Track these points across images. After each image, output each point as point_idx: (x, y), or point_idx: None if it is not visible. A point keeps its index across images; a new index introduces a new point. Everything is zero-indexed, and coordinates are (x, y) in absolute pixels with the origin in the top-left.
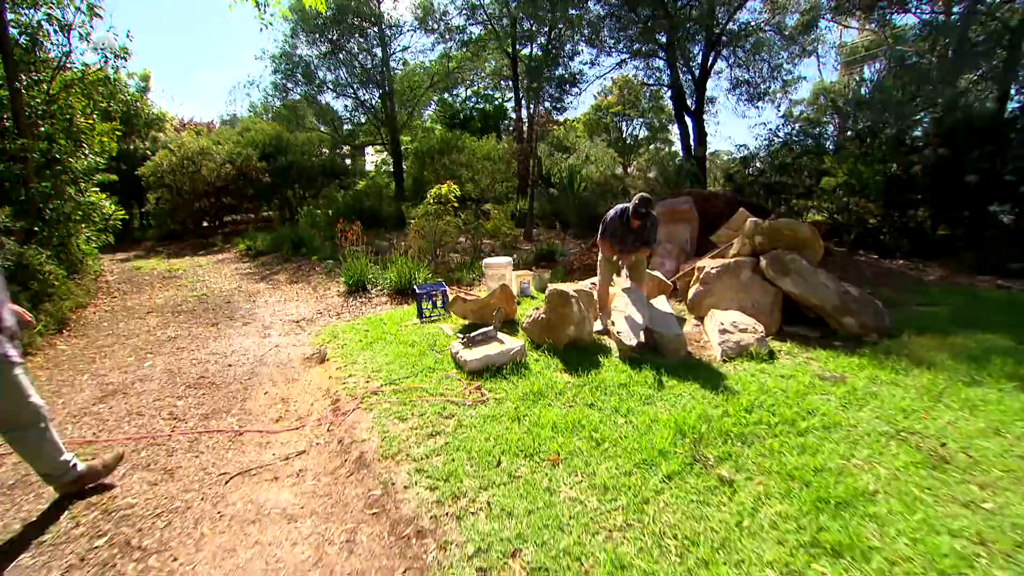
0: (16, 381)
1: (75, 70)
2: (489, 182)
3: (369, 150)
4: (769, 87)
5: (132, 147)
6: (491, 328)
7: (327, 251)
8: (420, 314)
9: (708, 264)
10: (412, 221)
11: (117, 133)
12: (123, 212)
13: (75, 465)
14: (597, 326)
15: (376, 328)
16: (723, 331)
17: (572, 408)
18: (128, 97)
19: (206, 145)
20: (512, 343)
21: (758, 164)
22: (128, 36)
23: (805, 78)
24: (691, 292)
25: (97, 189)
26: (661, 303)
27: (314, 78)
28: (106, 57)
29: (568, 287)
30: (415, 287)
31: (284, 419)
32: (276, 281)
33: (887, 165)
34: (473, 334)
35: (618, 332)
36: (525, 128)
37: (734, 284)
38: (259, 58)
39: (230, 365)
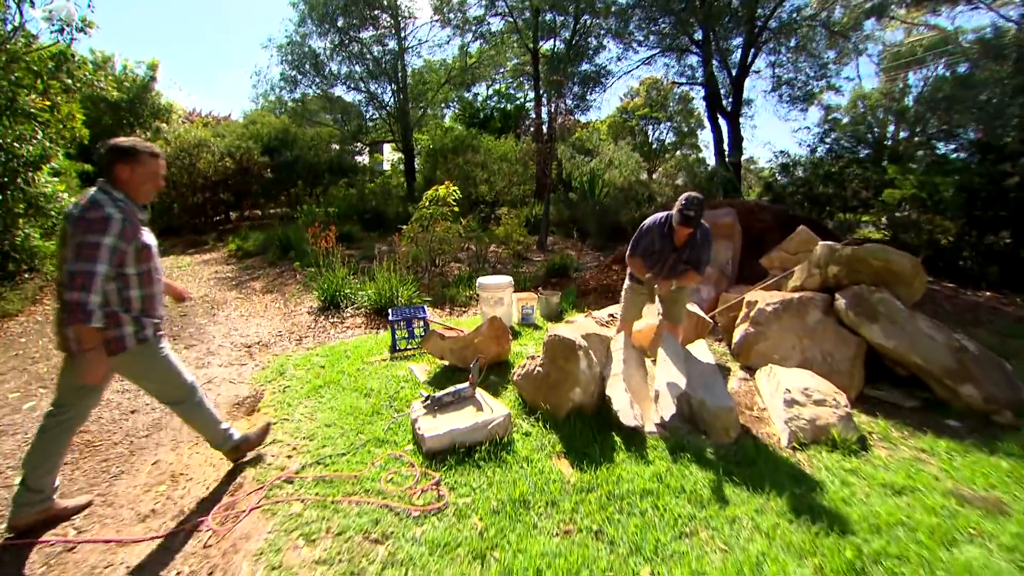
0: (167, 363)
1: (16, 43)
2: (505, 184)
3: (388, 148)
4: (813, 88)
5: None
6: (466, 386)
7: (312, 257)
8: (393, 346)
9: (761, 299)
10: (403, 227)
11: (80, 116)
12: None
13: (232, 435)
14: None
15: (335, 363)
16: (790, 401)
17: (569, 537)
18: (91, 77)
19: (204, 137)
20: (492, 411)
21: (799, 172)
22: (90, 6)
23: (852, 79)
24: (738, 333)
25: (56, 179)
26: (701, 351)
27: (323, 70)
28: (62, 28)
29: (576, 329)
30: (390, 311)
31: (156, 515)
32: (250, 289)
33: (969, 175)
34: (441, 394)
35: (616, 409)
36: (545, 127)
37: (797, 327)
38: (265, 47)
39: (134, 411)
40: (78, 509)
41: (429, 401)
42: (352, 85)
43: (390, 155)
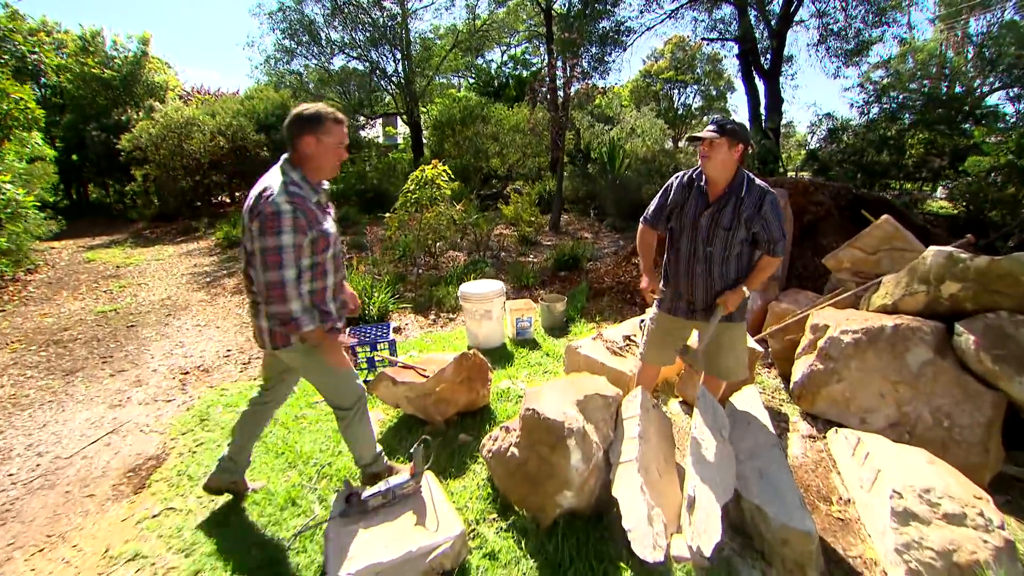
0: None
1: None
2: (518, 157)
3: (400, 121)
4: (867, 37)
5: (124, 118)
6: (405, 479)
7: None
8: (370, 362)
9: (834, 322)
10: (387, 216)
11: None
12: (31, 197)
13: (384, 458)
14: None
15: None
16: (904, 514)
17: None
18: (23, 48)
19: (193, 115)
20: (439, 525)
21: (848, 137)
22: None
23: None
24: (799, 368)
25: None
26: (751, 404)
27: (319, 38)
28: None
29: (570, 387)
30: (348, 330)
31: None
32: (220, 288)
33: None
34: (369, 493)
35: (628, 529)
36: (561, 94)
37: (890, 369)
38: (254, 14)
39: None
40: (253, 490)
41: (352, 500)
42: (353, 54)
43: (404, 128)
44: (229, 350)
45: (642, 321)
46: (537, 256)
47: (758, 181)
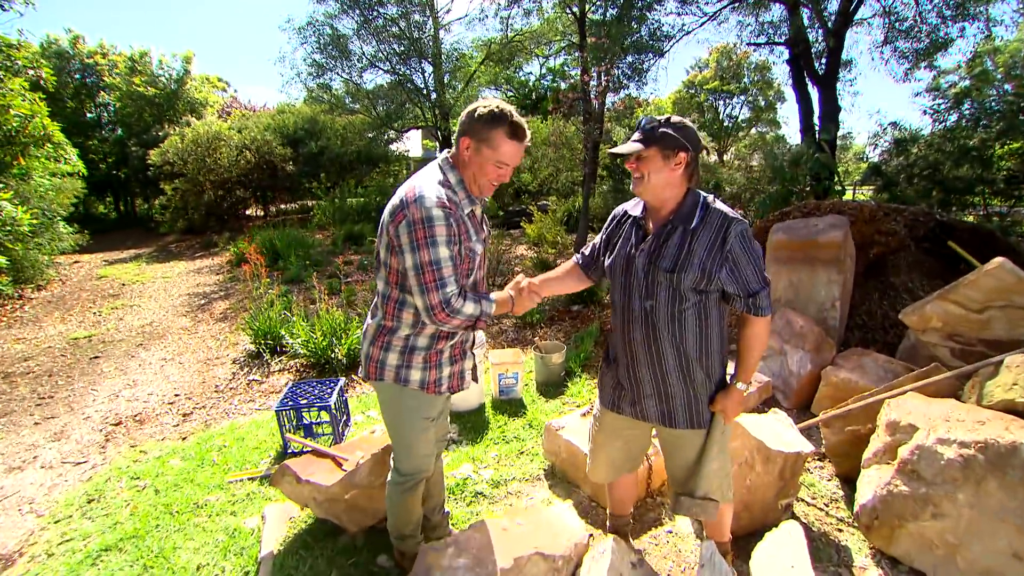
0: (418, 418)
1: None
2: (551, 172)
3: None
4: (945, 35)
5: (162, 133)
6: None
7: (296, 269)
8: (285, 447)
9: (925, 419)
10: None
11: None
12: (28, 215)
13: (418, 538)
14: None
15: (176, 485)
16: None
17: None
18: (22, 64)
19: (220, 130)
20: None
21: (919, 149)
22: None
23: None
24: (868, 484)
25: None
26: (789, 554)
27: (349, 52)
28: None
29: (501, 535)
30: (287, 393)
31: None
32: (208, 313)
33: None
34: None
35: None
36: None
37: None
38: (283, 29)
39: None
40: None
41: None
42: (383, 67)
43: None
44: (178, 394)
45: None
46: None
47: (718, 204)
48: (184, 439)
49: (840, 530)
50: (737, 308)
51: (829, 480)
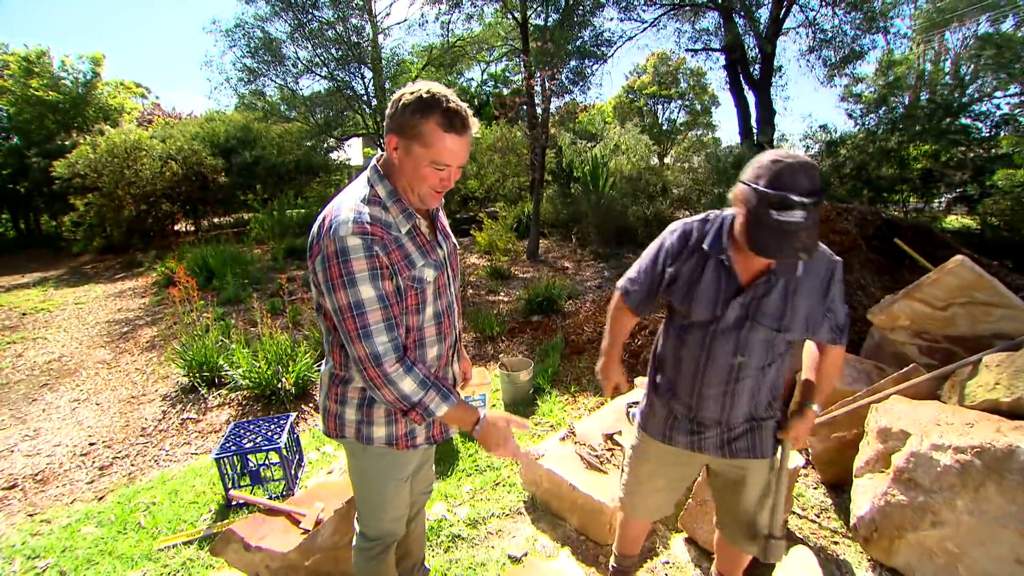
0: (383, 479)
1: None
2: (497, 178)
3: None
4: (861, 46)
5: (69, 143)
6: None
7: (233, 288)
8: (228, 501)
9: (917, 425)
10: None
11: None
12: None
13: None
14: None
15: (97, 554)
16: None
17: None
18: None
19: (139, 139)
20: None
21: (847, 151)
22: None
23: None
24: (864, 495)
25: None
26: None
27: (282, 57)
28: None
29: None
30: (229, 435)
31: None
32: (132, 343)
33: None
34: None
35: None
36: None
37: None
38: (208, 31)
39: None
40: None
41: None
42: (320, 73)
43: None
44: (93, 443)
45: (630, 407)
46: (509, 294)
47: (821, 246)
48: (101, 498)
49: (836, 542)
50: (822, 340)
51: (816, 488)
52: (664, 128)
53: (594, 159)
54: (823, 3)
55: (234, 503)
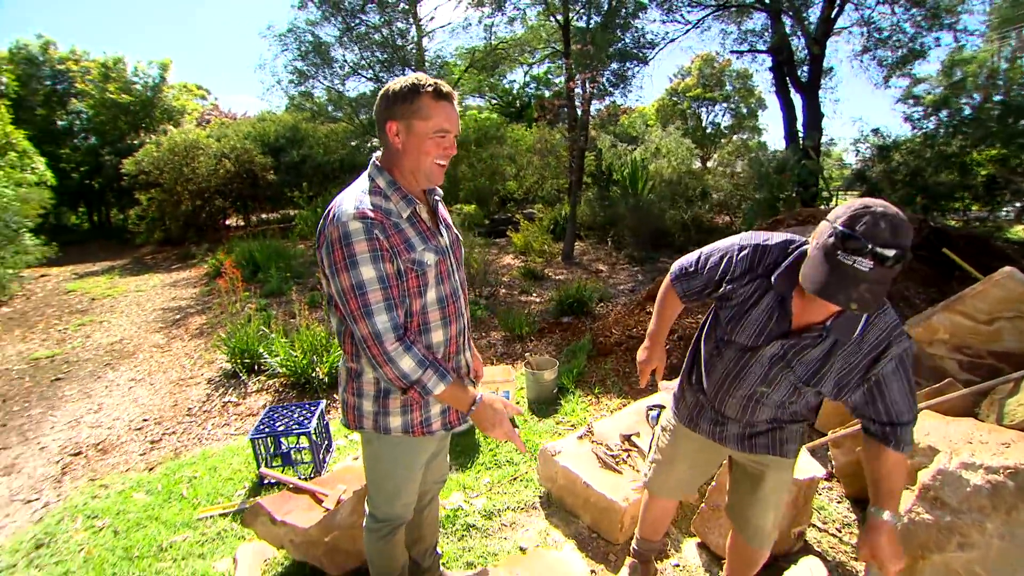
0: (404, 462)
1: None
2: (536, 179)
3: None
4: (921, 45)
5: (137, 142)
6: None
7: (276, 282)
8: (261, 479)
9: (946, 442)
10: None
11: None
12: None
13: None
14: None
15: (139, 523)
16: None
17: None
18: None
19: (198, 138)
20: None
21: (900, 155)
22: None
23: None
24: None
25: None
26: None
27: (330, 59)
28: None
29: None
30: (264, 419)
31: None
32: (183, 329)
33: None
34: None
35: None
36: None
37: None
38: (264, 36)
39: None
40: None
41: None
42: (366, 75)
43: None
44: (146, 419)
45: (651, 410)
46: (541, 295)
47: (888, 313)
48: (151, 469)
49: (855, 558)
50: (873, 433)
51: (839, 503)
52: (708, 131)
53: (634, 162)
54: (880, 0)
55: (265, 481)
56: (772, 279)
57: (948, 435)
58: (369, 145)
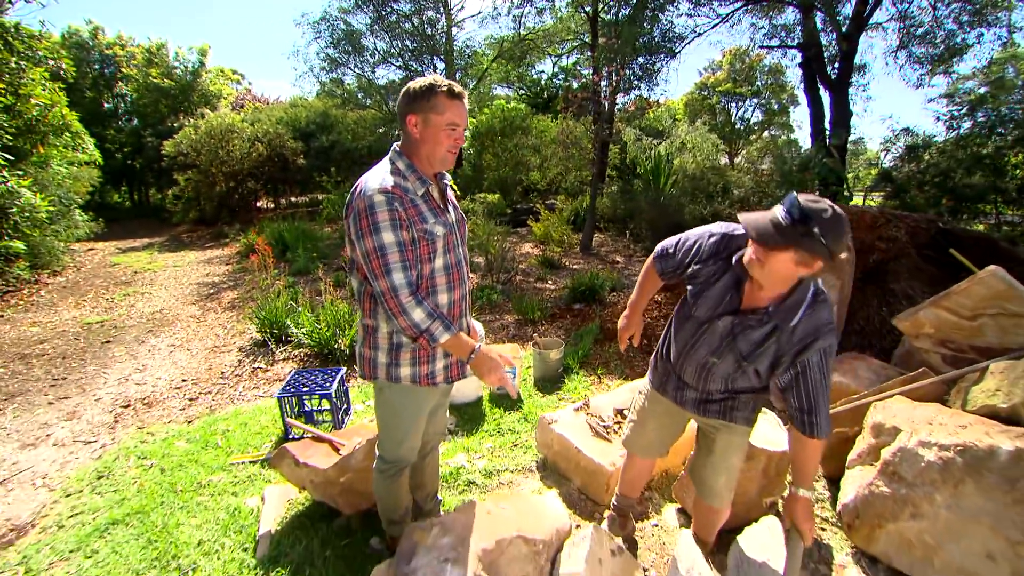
0: (404, 409)
1: None
2: (560, 170)
3: None
4: (961, 41)
5: (177, 124)
6: None
7: (303, 261)
8: (286, 432)
9: (909, 423)
10: None
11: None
12: (46, 202)
13: (407, 524)
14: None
15: (181, 465)
16: None
17: None
18: (43, 55)
19: (233, 122)
20: None
21: (931, 156)
22: None
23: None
24: (851, 484)
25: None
26: (767, 546)
27: (362, 47)
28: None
29: (485, 517)
30: (290, 381)
31: None
32: (216, 303)
33: None
34: None
35: None
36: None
37: (1009, 520)
38: (298, 23)
39: None
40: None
41: None
42: (396, 63)
43: None
44: (185, 379)
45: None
46: (556, 283)
47: (821, 311)
48: (190, 422)
49: (823, 529)
50: (792, 418)
51: (816, 481)
52: (737, 127)
53: (658, 156)
54: None
55: (291, 434)
56: (733, 260)
57: (912, 418)
58: (396, 132)
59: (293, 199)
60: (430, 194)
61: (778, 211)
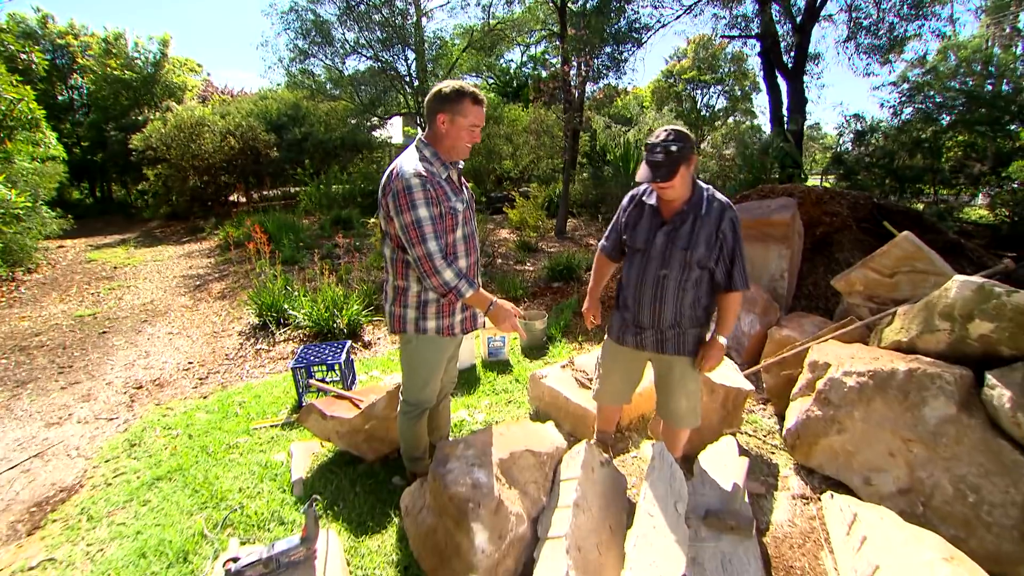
0: (430, 360)
1: None
2: (532, 159)
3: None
4: (903, 33)
5: (141, 118)
6: (295, 544)
7: (289, 251)
8: (300, 400)
9: (836, 359)
10: (371, 221)
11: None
12: (22, 198)
13: (425, 462)
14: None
15: (207, 431)
16: None
17: None
18: (13, 47)
19: (203, 115)
20: None
21: (878, 140)
22: None
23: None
24: (794, 411)
25: None
26: (724, 460)
27: (331, 38)
28: None
29: (511, 438)
30: (301, 354)
31: None
32: (205, 293)
33: None
34: (246, 562)
35: None
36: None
37: (901, 423)
38: (266, 13)
39: None
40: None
41: (228, 567)
42: (366, 54)
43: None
44: (191, 362)
45: None
46: (534, 265)
47: (718, 196)
48: (205, 398)
49: (773, 452)
50: (719, 282)
51: (770, 418)
52: (702, 114)
53: (627, 143)
54: None
55: (306, 402)
56: (643, 199)
57: (840, 355)
58: (369, 123)
59: (266, 192)
60: (450, 178)
61: (656, 158)
